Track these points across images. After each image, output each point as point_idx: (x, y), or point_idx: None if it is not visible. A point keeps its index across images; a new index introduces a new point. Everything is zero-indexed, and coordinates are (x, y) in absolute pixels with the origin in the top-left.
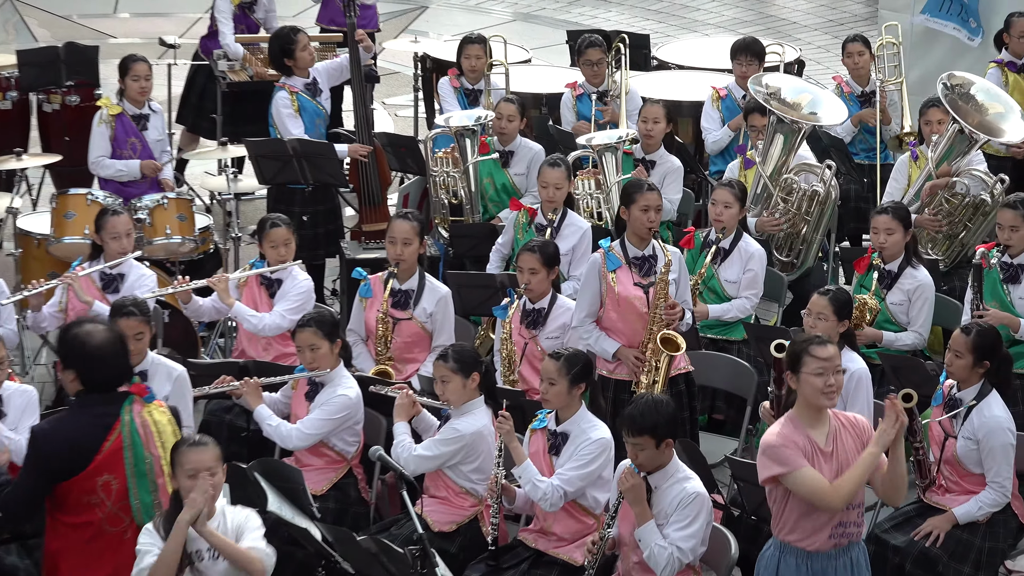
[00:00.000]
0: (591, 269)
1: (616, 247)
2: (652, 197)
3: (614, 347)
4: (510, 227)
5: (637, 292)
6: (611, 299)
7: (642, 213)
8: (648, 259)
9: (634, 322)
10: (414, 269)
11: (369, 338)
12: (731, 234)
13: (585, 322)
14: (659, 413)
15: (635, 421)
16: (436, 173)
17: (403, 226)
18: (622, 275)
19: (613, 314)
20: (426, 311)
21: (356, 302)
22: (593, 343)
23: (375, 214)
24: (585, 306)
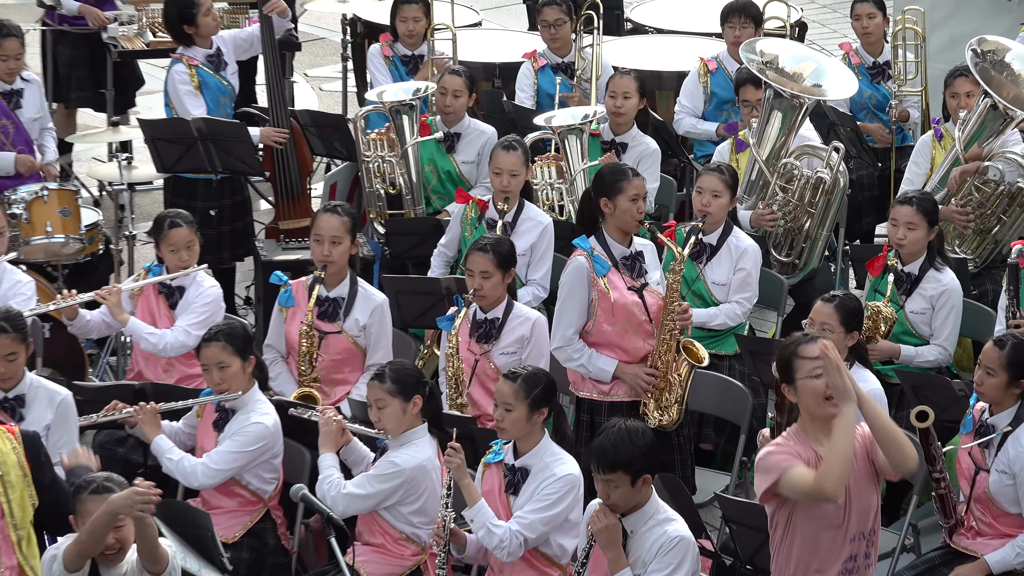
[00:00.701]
0: (575, 276)
1: (597, 247)
2: (640, 184)
3: (612, 365)
4: (456, 223)
5: (633, 297)
6: (605, 309)
7: (631, 204)
8: (635, 258)
9: (631, 333)
10: (344, 273)
11: (290, 355)
12: (719, 228)
13: (572, 340)
14: (634, 444)
15: (607, 454)
16: (369, 158)
17: (330, 221)
18: (615, 279)
19: (607, 326)
20: (358, 323)
21: (274, 312)
22: (587, 363)
23: (295, 208)
24: (572, 321)
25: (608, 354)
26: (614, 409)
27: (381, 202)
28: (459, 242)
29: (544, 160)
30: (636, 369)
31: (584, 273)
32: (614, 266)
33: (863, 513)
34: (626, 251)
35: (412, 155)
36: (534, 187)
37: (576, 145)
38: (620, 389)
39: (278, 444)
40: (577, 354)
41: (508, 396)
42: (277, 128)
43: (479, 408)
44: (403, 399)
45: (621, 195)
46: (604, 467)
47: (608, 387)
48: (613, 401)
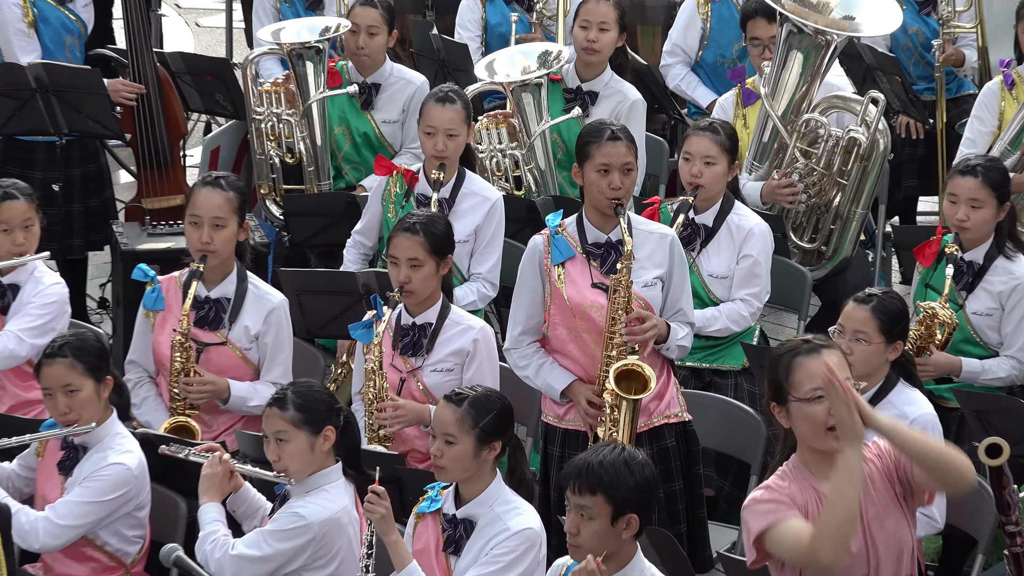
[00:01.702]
0: (528, 261)
1: (570, 227)
2: (614, 151)
3: (564, 381)
4: (376, 201)
5: (596, 297)
6: (558, 307)
7: (597, 176)
8: (612, 247)
9: (587, 344)
10: (230, 266)
11: (160, 374)
12: (715, 204)
13: (521, 341)
14: (630, 471)
15: (590, 470)
16: (261, 116)
17: (211, 198)
18: (574, 271)
19: (561, 330)
20: (249, 331)
21: (139, 318)
22: (533, 374)
23: (165, 181)
24: (521, 318)
25: (568, 367)
26: (569, 440)
27: (276, 174)
28: (380, 226)
29: (491, 120)
30: (580, 394)
31: (536, 258)
32: (583, 253)
33: (893, 556)
34: (602, 237)
35: (317, 113)
36: (479, 153)
37: (534, 99)
38: (576, 413)
39: (144, 491)
40: (524, 360)
41: (449, 425)
42: (129, 81)
43: (407, 443)
44: (310, 431)
45: (588, 161)
46: (582, 486)
47: (563, 410)
48: (568, 429)
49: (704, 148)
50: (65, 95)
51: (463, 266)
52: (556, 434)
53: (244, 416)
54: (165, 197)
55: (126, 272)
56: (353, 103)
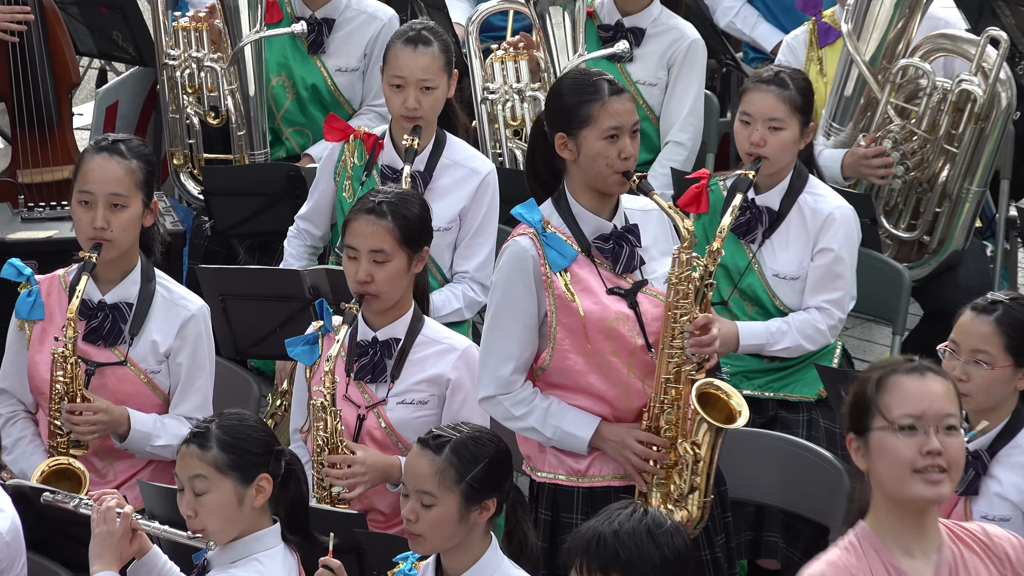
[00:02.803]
0: (517, 272)
1: (555, 221)
2: (622, 107)
3: (590, 425)
4: (327, 175)
5: (618, 306)
6: (570, 328)
7: (608, 144)
8: (622, 237)
9: (618, 371)
10: (132, 261)
11: (40, 407)
12: (783, 181)
13: (513, 383)
14: (655, 543)
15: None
16: (175, 62)
17: (108, 170)
18: (584, 276)
19: (575, 360)
20: (157, 347)
21: (12, 331)
22: (539, 423)
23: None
24: (511, 351)
25: (581, 405)
26: (594, 500)
27: (195, 139)
28: (332, 210)
29: (508, 51)
30: (623, 433)
31: (530, 267)
32: (584, 252)
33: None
34: (606, 226)
35: (252, 58)
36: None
37: (565, 24)
38: (605, 466)
39: (18, 564)
40: (522, 408)
41: (426, 480)
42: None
43: (367, 500)
44: (239, 480)
45: (588, 128)
46: (592, 564)
47: (584, 463)
48: (593, 487)
49: (768, 107)
50: None
51: (443, 262)
52: (574, 497)
53: (150, 462)
54: (47, 169)
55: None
56: (298, 45)
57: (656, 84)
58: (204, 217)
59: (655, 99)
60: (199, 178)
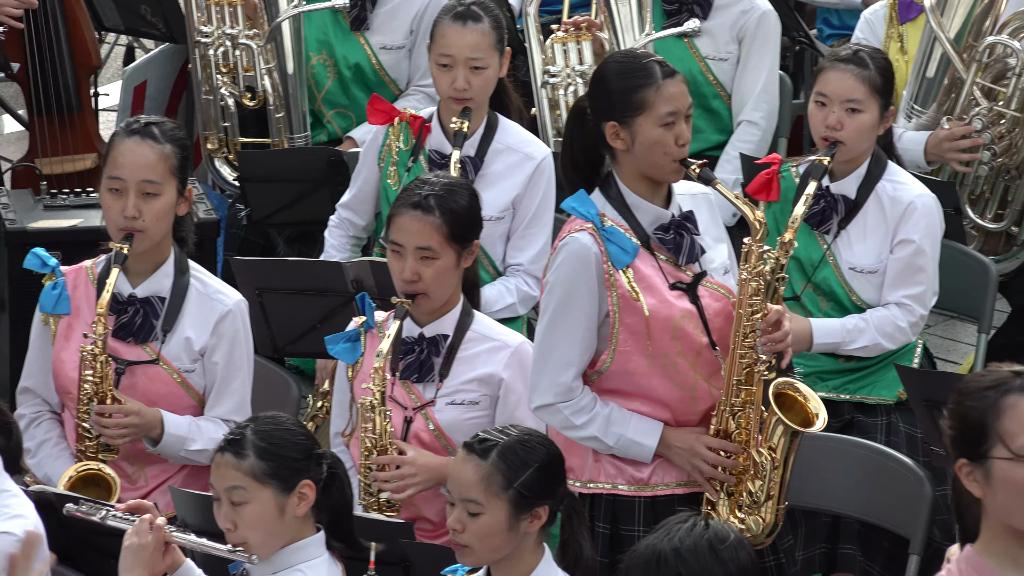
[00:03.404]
0: (575, 272)
1: (609, 213)
2: (679, 87)
3: (655, 432)
4: (371, 161)
5: (683, 303)
6: (633, 330)
7: (665, 131)
8: (682, 225)
9: (684, 372)
10: (165, 252)
11: (66, 407)
12: (860, 167)
13: (571, 391)
14: (718, 560)
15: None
16: (209, 40)
17: (140, 155)
18: (646, 271)
19: (639, 362)
20: (191, 345)
21: (35, 326)
22: (601, 431)
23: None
24: (571, 356)
25: (640, 410)
26: (657, 510)
27: (230, 122)
28: (376, 198)
29: (570, 31)
30: (691, 439)
31: (591, 264)
32: (644, 246)
33: None
34: (664, 214)
35: (290, 34)
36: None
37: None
38: (668, 473)
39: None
40: (583, 416)
41: (471, 487)
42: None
43: (417, 508)
44: (279, 488)
45: (644, 115)
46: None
47: (646, 471)
48: (656, 496)
49: (845, 88)
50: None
51: (495, 254)
52: (635, 507)
53: (183, 467)
54: (68, 157)
55: (12, 261)
56: (340, 21)
57: (727, 59)
58: (240, 205)
59: (726, 75)
60: (234, 163)
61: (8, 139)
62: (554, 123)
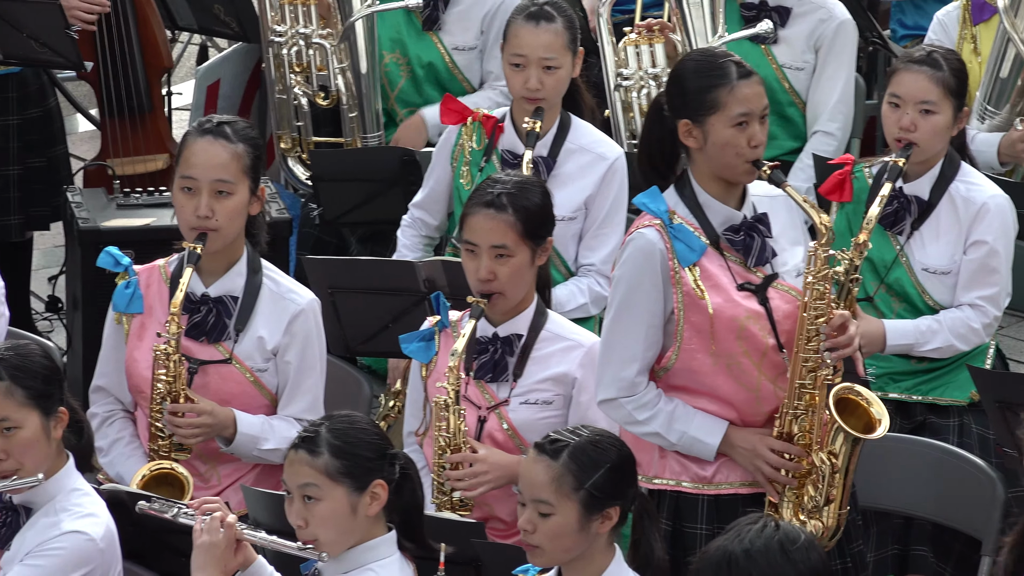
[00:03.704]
0: (639, 267)
1: (680, 211)
2: (752, 92)
3: (718, 430)
4: (444, 160)
5: (749, 303)
6: (697, 328)
7: (737, 132)
8: (753, 227)
9: (749, 372)
10: (238, 250)
11: (139, 406)
12: (934, 168)
13: (637, 385)
14: (789, 560)
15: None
16: (282, 39)
17: (213, 154)
18: (713, 270)
19: (703, 360)
20: (264, 344)
21: (108, 325)
22: (664, 428)
23: (140, 134)
24: (635, 351)
25: (707, 409)
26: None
27: (303, 121)
28: (448, 198)
29: (643, 34)
30: (755, 440)
31: (657, 261)
32: (712, 245)
33: None
34: (736, 215)
35: (363, 33)
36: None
37: (704, 3)
38: (732, 472)
39: (113, 571)
40: (646, 412)
41: (542, 488)
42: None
43: (489, 508)
44: (352, 487)
45: (717, 114)
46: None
47: (710, 469)
48: (720, 495)
49: (919, 90)
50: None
51: (567, 254)
52: (699, 505)
53: (255, 466)
54: (140, 158)
55: (86, 260)
56: (412, 21)
57: (803, 68)
58: (312, 205)
59: (801, 84)
60: (307, 163)
61: (81, 138)
62: (627, 125)
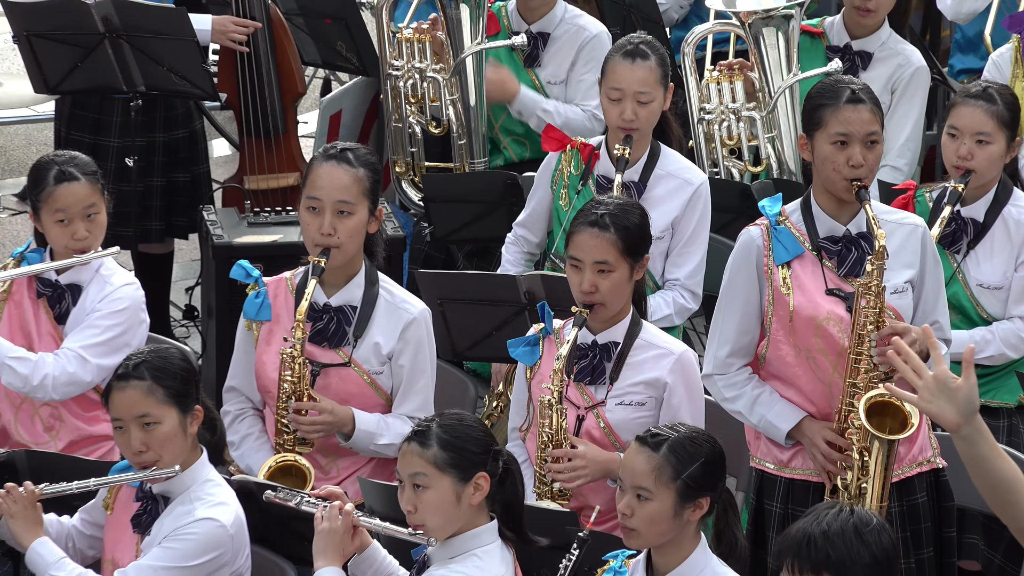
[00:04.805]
0: (742, 260)
1: (794, 216)
2: (857, 116)
3: (793, 418)
4: (545, 184)
5: (832, 307)
6: (781, 321)
7: (835, 149)
8: (853, 241)
9: (824, 368)
10: (357, 265)
11: (267, 405)
12: (988, 193)
13: (730, 365)
14: (864, 543)
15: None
16: (399, 73)
17: (337, 177)
18: (804, 273)
19: (786, 350)
20: (380, 349)
21: (240, 331)
22: (747, 408)
23: (274, 155)
24: (731, 334)
25: (792, 399)
26: (794, 492)
27: (417, 147)
28: (548, 217)
29: (724, 72)
30: (817, 430)
31: (754, 256)
32: (812, 251)
33: None
34: (839, 228)
35: (473, 69)
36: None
37: (778, 42)
38: (808, 461)
39: (242, 556)
40: (733, 391)
41: (643, 476)
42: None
43: (582, 498)
44: (457, 477)
45: (820, 131)
46: (803, 565)
47: (787, 454)
48: (794, 478)
49: (976, 122)
50: (140, 41)
51: (655, 269)
52: (777, 485)
53: (371, 460)
54: (273, 175)
55: (220, 272)
56: (514, 58)
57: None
58: (424, 223)
59: None
60: (419, 185)
61: (217, 162)
62: (709, 155)
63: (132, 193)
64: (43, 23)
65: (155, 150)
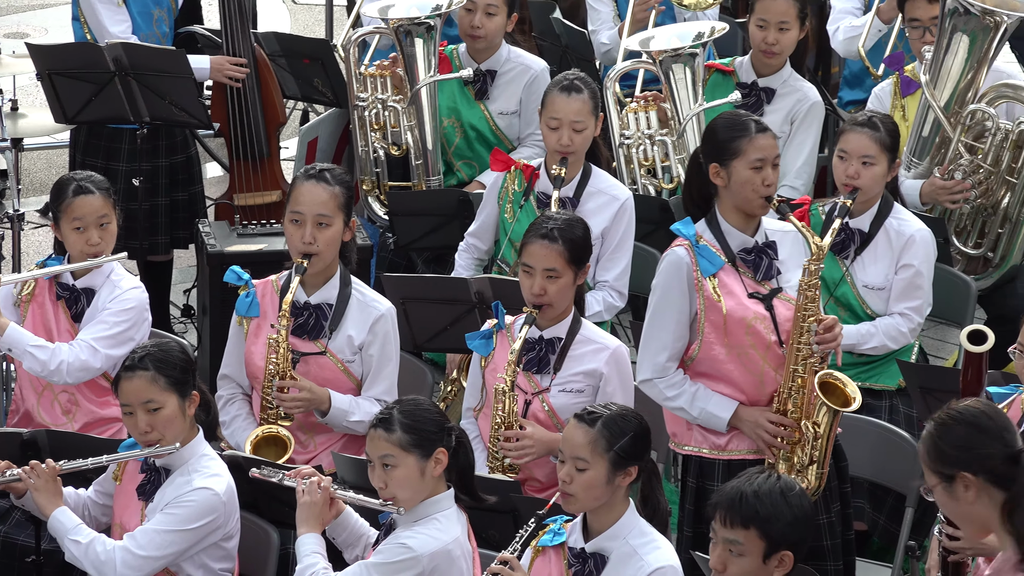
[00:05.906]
0: (672, 276)
1: (706, 235)
2: (767, 143)
3: (730, 408)
4: (492, 200)
5: (757, 308)
6: (715, 324)
7: (753, 173)
8: (762, 251)
9: (755, 361)
10: (333, 269)
11: (254, 388)
12: (873, 207)
13: (666, 370)
14: (787, 503)
15: (743, 502)
16: (364, 103)
17: (316, 193)
18: (729, 281)
19: (719, 350)
20: (352, 341)
21: (232, 327)
22: (687, 404)
23: (259, 175)
24: (666, 342)
25: (723, 391)
26: (732, 471)
27: (381, 168)
28: (495, 228)
29: (641, 103)
30: (757, 414)
31: (684, 272)
32: (730, 262)
33: None
34: (749, 241)
35: (427, 100)
36: (625, 140)
37: (686, 77)
38: (741, 443)
39: (232, 520)
40: (674, 391)
41: (581, 448)
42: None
43: (527, 471)
44: (420, 455)
45: (738, 159)
46: (734, 518)
47: (724, 439)
48: (731, 459)
49: (862, 146)
50: (146, 79)
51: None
52: (716, 467)
53: (343, 436)
54: (259, 193)
55: (213, 276)
56: (465, 92)
57: (780, 137)
58: (389, 234)
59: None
60: (384, 201)
61: (210, 183)
62: (629, 174)
63: (139, 210)
64: (62, 63)
65: (159, 173)
